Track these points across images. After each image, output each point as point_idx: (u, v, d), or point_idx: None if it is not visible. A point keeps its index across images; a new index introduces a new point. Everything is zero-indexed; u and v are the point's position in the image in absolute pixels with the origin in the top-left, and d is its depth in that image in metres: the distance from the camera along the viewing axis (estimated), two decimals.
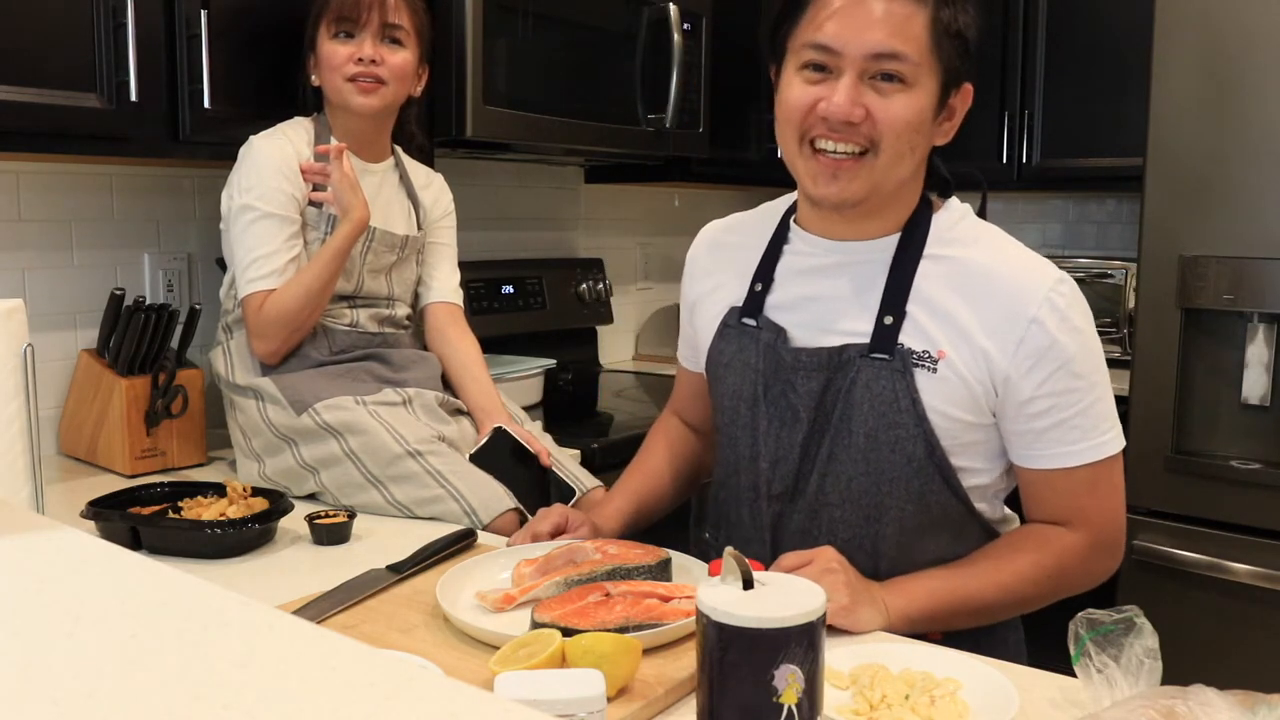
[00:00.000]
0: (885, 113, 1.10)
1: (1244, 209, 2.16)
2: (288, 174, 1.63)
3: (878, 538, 1.18)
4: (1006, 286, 1.13)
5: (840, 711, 0.93)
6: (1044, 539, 1.18)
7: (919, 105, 1.11)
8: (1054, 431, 1.14)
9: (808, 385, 1.18)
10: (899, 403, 1.13)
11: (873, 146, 1.12)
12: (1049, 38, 2.84)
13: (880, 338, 1.14)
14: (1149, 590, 2.28)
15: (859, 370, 1.15)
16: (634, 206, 3.08)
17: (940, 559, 1.19)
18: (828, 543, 1.16)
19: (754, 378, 1.22)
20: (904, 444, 1.14)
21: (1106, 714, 0.83)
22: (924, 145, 1.15)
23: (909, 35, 1.09)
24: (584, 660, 0.91)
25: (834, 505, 1.19)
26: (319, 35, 1.67)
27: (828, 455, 1.18)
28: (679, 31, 2.33)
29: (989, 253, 1.17)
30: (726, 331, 1.28)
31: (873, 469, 1.16)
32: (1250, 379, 2.21)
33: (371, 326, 1.74)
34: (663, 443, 1.49)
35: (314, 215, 1.67)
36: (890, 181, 1.14)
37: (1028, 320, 1.11)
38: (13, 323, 1.07)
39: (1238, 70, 2.15)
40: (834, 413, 1.17)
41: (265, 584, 1.26)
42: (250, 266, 1.61)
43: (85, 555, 0.72)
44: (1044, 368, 1.12)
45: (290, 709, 0.49)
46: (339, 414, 1.56)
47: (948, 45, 1.11)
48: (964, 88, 1.16)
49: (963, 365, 1.13)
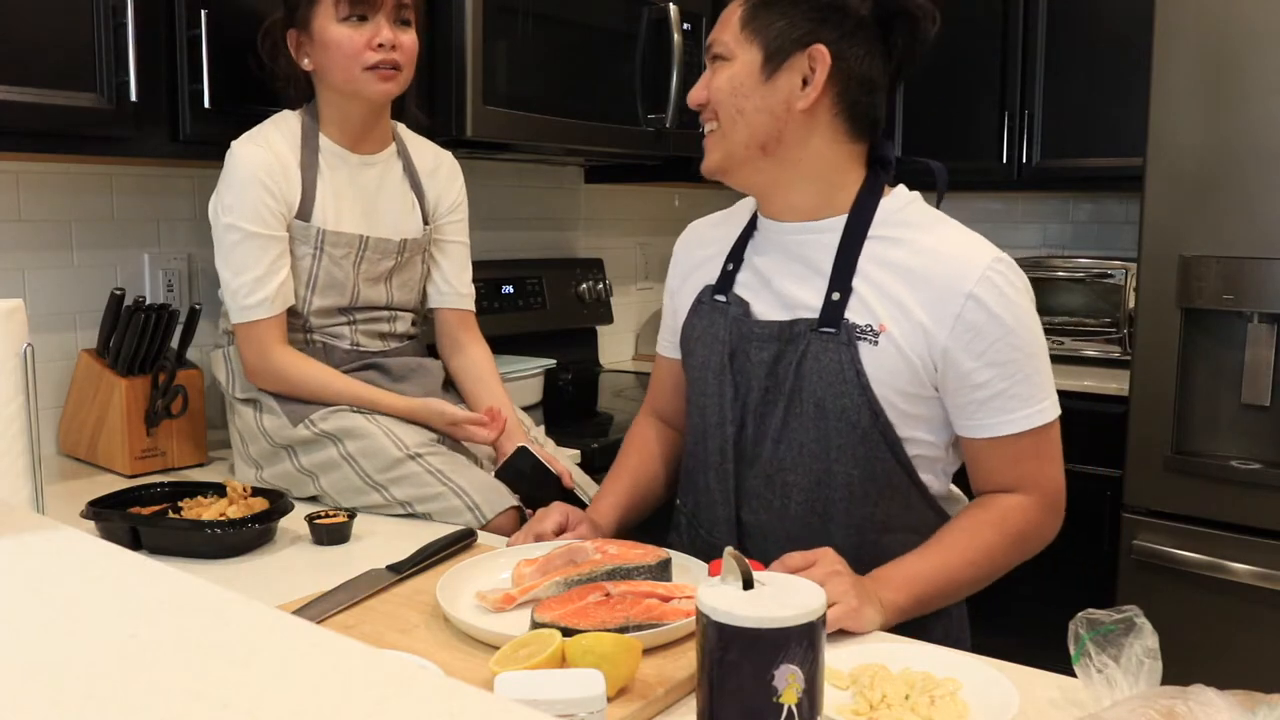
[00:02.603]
0: (712, 86, 1.26)
1: (1244, 209, 2.16)
2: (270, 186, 1.55)
3: (829, 501, 1.25)
4: (945, 265, 1.21)
5: (840, 711, 0.93)
6: (1001, 510, 1.24)
7: (732, 72, 1.24)
8: (995, 401, 1.21)
9: (760, 355, 1.27)
10: (844, 374, 1.21)
11: (718, 119, 1.26)
12: (1049, 38, 2.84)
13: (828, 312, 1.23)
14: (1149, 590, 2.29)
15: (809, 343, 1.24)
16: (634, 206, 3.08)
17: (888, 527, 1.26)
18: (782, 505, 1.26)
19: (720, 349, 1.31)
20: (849, 412, 1.22)
21: (1106, 714, 0.83)
22: (762, 106, 1.23)
23: (726, 24, 1.26)
24: (584, 660, 0.91)
25: (788, 470, 1.26)
26: (316, 18, 1.56)
27: (781, 423, 1.26)
28: (679, 31, 2.33)
29: (931, 235, 1.25)
30: (700, 308, 1.37)
31: (822, 436, 1.24)
32: (1250, 379, 2.21)
33: (373, 345, 1.69)
34: (640, 442, 1.52)
35: (300, 228, 1.59)
36: (738, 145, 1.26)
37: (964, 295, 1.19)
38: (13, 323, 1.07)
39: (1238, 70, 2.15)
40: (786, 382, 1.25)
41: (265, 584, 1.26)
42: (240, 291, 1.56)
43: (85, 555, 0.72)
44: (983, 340, 1.19)
45: (290, 709, 0.49)
46: (336, 421, 1.55)
47: (768, 16, 1.23)
48: (812, 49, 1.22)
49: (902, 339, 1.20)
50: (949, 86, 2.97)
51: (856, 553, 1.20)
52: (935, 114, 3.00)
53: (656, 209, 3.15)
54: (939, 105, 2.98)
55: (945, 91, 2.97)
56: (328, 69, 1.58)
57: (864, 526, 1.25)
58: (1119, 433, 2.36)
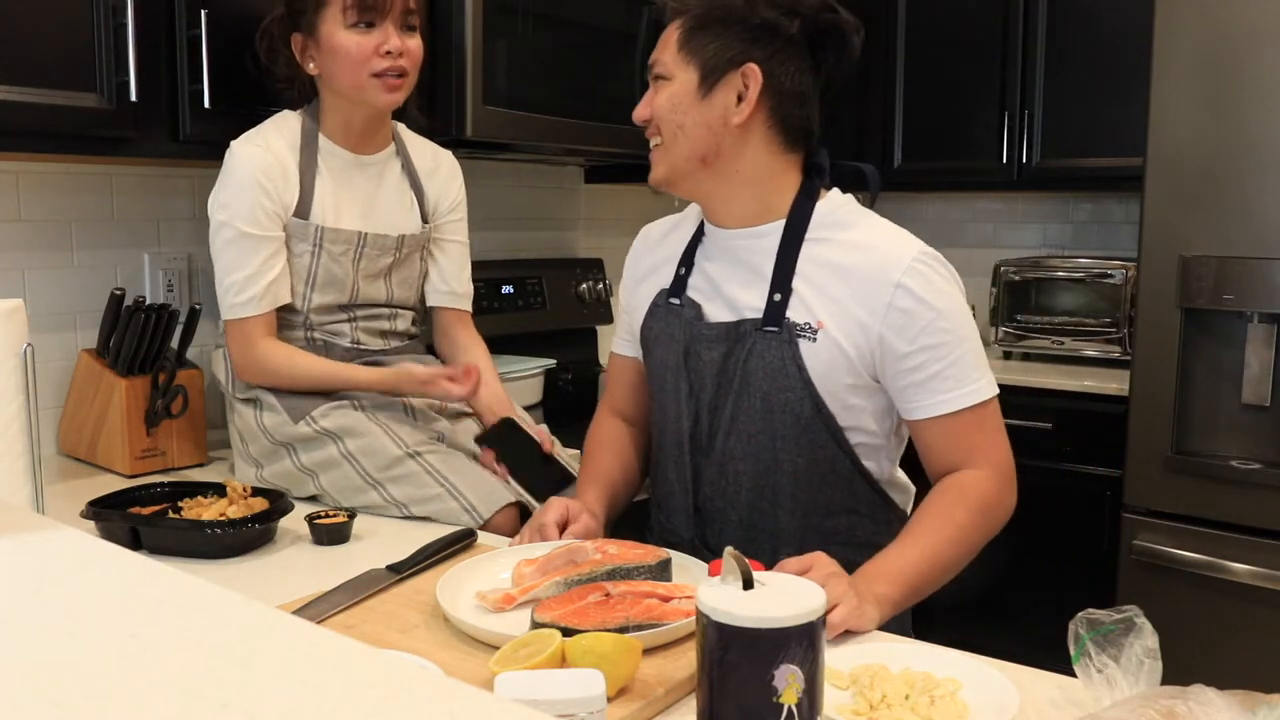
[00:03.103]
0: (653, 104, 1.35)
1: (1244, 209, 2.16)
2: (267, 187, 1.55)
3: (776, 488, 1.34)
4: (875, 258, 1.29)
5: (840, 711, 0.93)
6: (960, 487, 1.29)
7: (671, 91, 1.33)
8: (931, 383, 1.28)
9: (710, 354, 1.35)
10: (787, 369, 1.30)
11: (660, 134, 1.35)
12: (1049, 38, 2.84)
13: (770, 313, 1.31)
14: (1149, 590, 2.29)
15: (754, 342, 1.32)
16: (634, 206, 3.08)
17: (831, 510, 1.35)
18: (734, 492, 1.35)
19: (677, 349, 1.39)
20: (793, 405, 1.30)
21: (1106, 714, 0.83)
22: (702, 122, 1.31)
23: (665, 45, 1.34)
24: (584, 660, 0.91)
25: (738, 459, 1.35)
26: (323, 23, 1.55)
27: (731, 416, 1.34)
28: None
29: (862, 233, 1.33)
30: (656, 310, 1.44)
31: (768, 427, 1.32)
32: (1250, 379, 2.21)
33: (374, 344, 1.69)
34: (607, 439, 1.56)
35: (299, 226, 1.59)
36: (681, 158, 1.34)
37: (893, 285, 1.26)
38: (13, 323, 1.07)
39: (1238, 70, 2.15)
40: (735, 379, 1.33)
41: (265, 584, 1.26)
42: (229, 290, 1.57)
43: (85, 555, 0.72)
44: (914, 326, 1.26)
45: (290, 709, 0.49)
46: (336, 418, 1.55)
47: (702, 38, 1.30)
48: (745, 68, 1.29)
49: (839, 333, 1.28)
50: (949, 86, 2.97)
51: (802, 535, 1.32)
52: (935, 114, 3.00)
53: (656, 209, 3.14)
54: (939, 105, 2.98)
55: (945, 91, 2.97)
56: (334, 75, 1.57)
57: (809, 510, 1.34)
58: (1119, 433, 2.36)
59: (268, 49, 1.65)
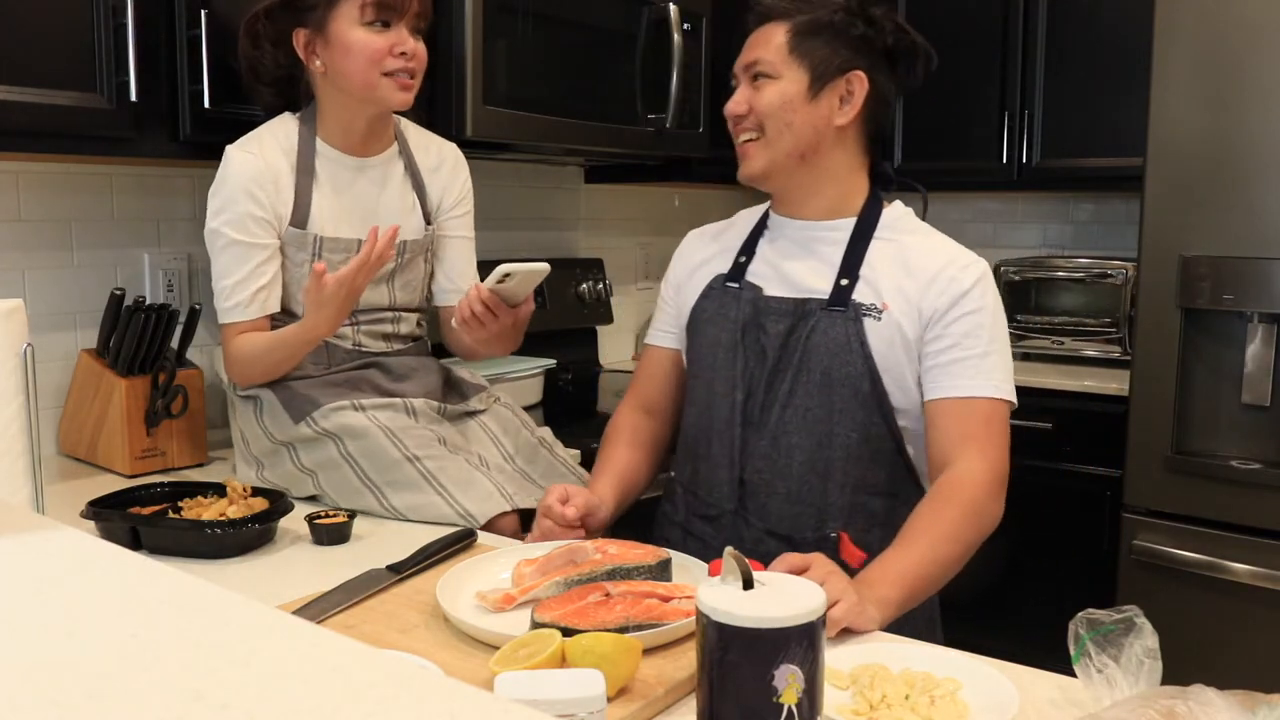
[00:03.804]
0: (758, 101, 1.41)
1: (1244, 209, 2.16)
2: (257, 196, 1.54)
3: (829, 461, 1.39)
4: (937, 259, 1.41)
5: (840, 711, 0.93)
6: (950, 487, 1.32)
7: (781, 89, 1.40)
8: (954, 366, 1.37)
9: (776, 328, 1.42)
10: (850, 345, 1.38)
11: (761, 129, 1.42)
12: (1049, 38, 2.84)
13: (837, 294, 1.41)
14: (1149, 590, 2.29)
15: (818, 320, 1.40)
16: (634, 206, 3.08)
17: (877, 490, 1.41)
18: (785, 465, 1.40)
19: (732, 327, 1.46)
20: (853, 380, 1.38)
21: (1106, 714, 0.83)
22: (808, 122, 1.41)
23: (770, 45, 1.41)
24: (584, 660, 0.91)
25: (792, 432, 1.40)
26: (335, 20, 1.53)
27: (789, 390, 1.40)
28: (679, 31, 2.32)
29: (927, 239, 1.45)
30: (710, 293, 1.51)
31: (826, 401, 1.39)
32: (1250, 379, 2.21)
33: (376, 346, 1.68)
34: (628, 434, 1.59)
35: (297, 236, 1.58)
36: (782, 154, 1.42)
37: (948, 279, 1.39)
38: (13, 323, 1.07)
39: (1238, 70, 2.15)
40: (796, 354, 1.40)
41: (265, 584, 1.26)
42: (220, 295, 1.57)
43: (85, 555, 0.72)
44: (954, 312, 1.37)
45: (290, 709, 0.49)
46: (337, 419, 1.55)
47: (812, 43, 1.40)
48: (853, 73, 1.41)
49: (900, 315, 1.38)
50: (949, 86, 2.97)
51: (849, 511, 1.39)
52: (935, 114, 3.00)
53: (656, 209, 3.15)
54: (939, 105, 2.98)
55: (945, 91, 2.97)
56: (344, 72, 1.55)
57: (857, 486, 1.40)
58: (1119, 433, 2.36)
59: (252, 41, 1.61)
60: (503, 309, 1.52)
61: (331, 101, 1.61)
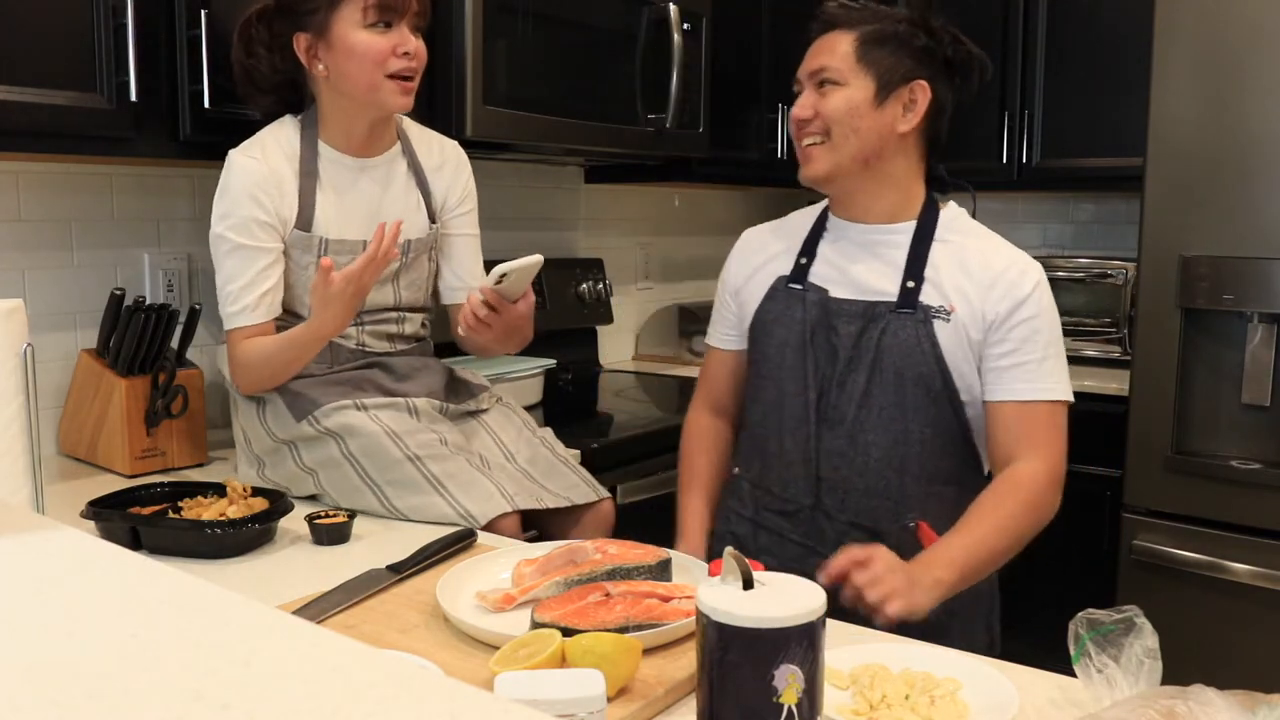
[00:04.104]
0: (825, 106, 1.46)
1: (1244, 209, 2.16)
2: (260, 200, 1.54)
3: (905, 456, 1.45)
4: (997, 263, 1.47)
5: (840, 711, 0.93)
6: (1014, 481, 1.42)
7: (849, 95, 1.46)
8: (1015, 370, 1.44)
9: (848, 329, 1.48)
10: (921, 345, 1.44)
11: (826, 134, 1.47)
12: (1049, 38, 2.84)
13: (905, 297, 1.46)
14: (1149, 590, 2.29)
15: (889, 321, 1.46)
16: (634, 206, 3.08)
17: (949, 481, 1.48)
18: (863, 461, 1.45)
19: (800, 328, 1.51)
20: (925, 378, 1.44)
21: (1106, 714, 0.83)
22: (873, 128, 1.46)
23: (836, 53, 1.47)
24: (584, 660, 0.91)
25: (868, 430, 1.46)
26: (337, 23, 1.52)
27: (864, 389, 1.46)
28: (679, 31, 2.32)
29: (983, 241, 1.51)
30: (775, 294, 1.56)
31: (900, 399, 1.45)
32: (1250, 379, 2.21)
33: (379, 346, 1.68)
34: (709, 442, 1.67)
35: (302, 239, 1.58)
36: (847, 159, 1.47)
37: (1008, 284, 1.45)
38: (13, 323, 1.07)
39: (1238, 70, 2.15)
40: (868, 354, 1.46)
41: (265, 584, 1.26)
42: (226, 300, 1.57)
43: (85, 555, 0.72)
44: (1015, 318, 1.44)
45: (290, 709, 0.49)
46: (339, 418, 1.55)
47: (878, 53, 1.46)
48: (916, 83, 1.47)
49: (965, 318, 1.44)
50: None
51: (924, 500, 1.45)
52: None
53: (656, 209, 3.15)
54: None
55: None
56: (347, 75, 1.55)
57: (932, 477, 1.47)
58: (1119, 433, 2.36)
59: (246, 44, 1.61)
60: (505, 306, 1.54)
61: (332, 104, 1.60)
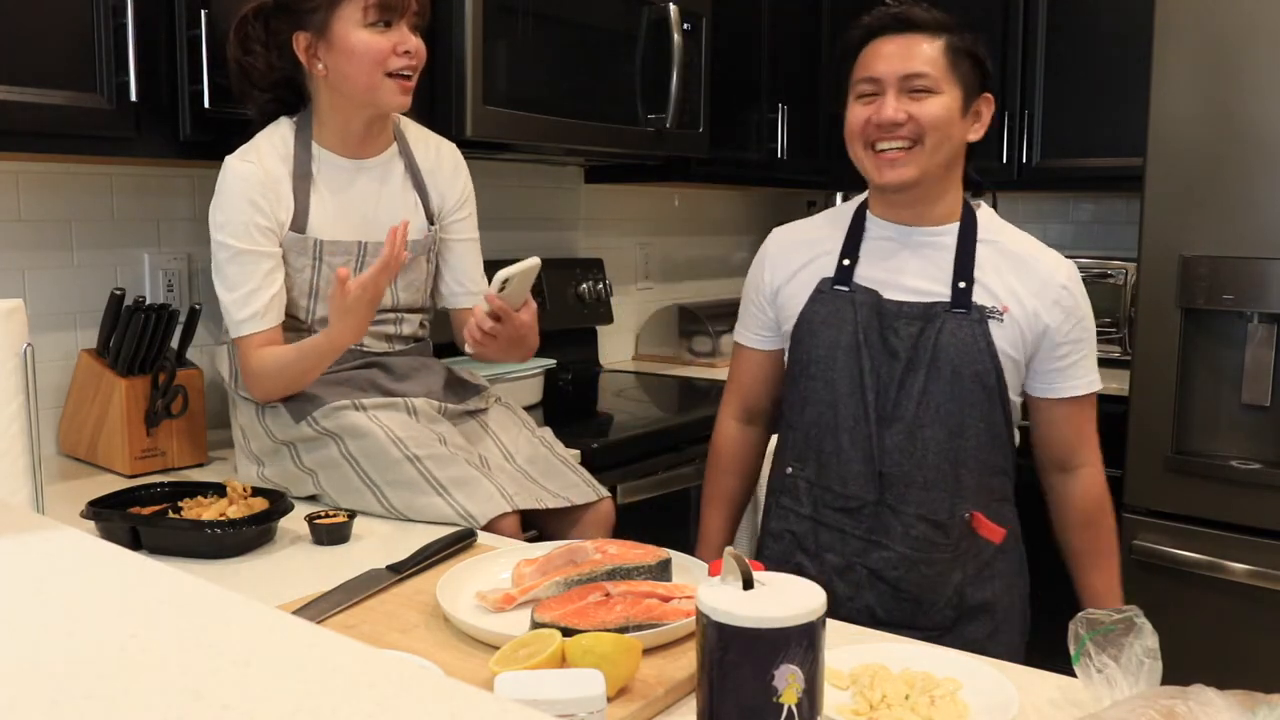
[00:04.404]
0: (922, 112, 1.49)
1: (1244, 209, 2.16)
2: (260, 204, 1.54)
3: (961, 450, 1.51)
4: (1040, 264, 1.55)
5: (840, 711, 0.93)
6: (1102, 496, 1.61)
7: (946, 104, 1.50)
8: (1070, 369, 1.55)
9: (908, 330, 1.52)
10: (977, 344, 1.50)
11: (918, 139, 1.50)
12: (1049, 38, 2.84)
13: (958, 297, 1.52)
14: (1149, 590, 2.28)
15: (944, 321, 1.50)
16: (634, 206, 3.08)
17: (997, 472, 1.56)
18: (921, 456, 1.50)
19: (852, 329, 1.54)
20: (981, 376, 1.50)
21: (1106, 714, 0.83)
22: (958, 137, 1.53)
23: (928, 59, 1.50)
24: (584, 660, 0.91)
25: (927, 426, 1.50)
26: (337, 22, 1.52)
27: (922, 387, 1.50)
28: (679, 31, 2.32)
29: (1019, 239, 1.59)
30: (820, 297, 1.58)
31: (957, 396, 1.50)
32: (1250, 379, 2.21)
33: (378, 346, 1.68)
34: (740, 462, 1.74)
35: (296, 241, 1.58)
36: (935, 165, 1.51)
37: (1059, 287, 1.53)
38: (13, 323, 1.07)
39: (1238, 70, 2.15)
40: (926, 353, 1.50)
41: (265, 584, 1.26)
42: (233, 307, 1.56)
43: (85, 555, 0.72)
44: (1069, 321, 1.53)
45: (290, 709, 0.49)
46: (338, 419, 1.55)
47: (963, 64, 1.51)
48: (985, 96, 1.55)
49: (1019, 318, 1.52)
50: None
51: (977, 491, 1.52)
52: None
53: (656, 209, 3.15)
54: None
55: None
56: (347, 75, 1.55)
57: (984, 469, 1.54)
58: (1119, 433, 2.36)
59: (243, 48, 1.60)
60: (510, 315, 1.55)
61: (329, 104, 1.60)
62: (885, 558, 1.50)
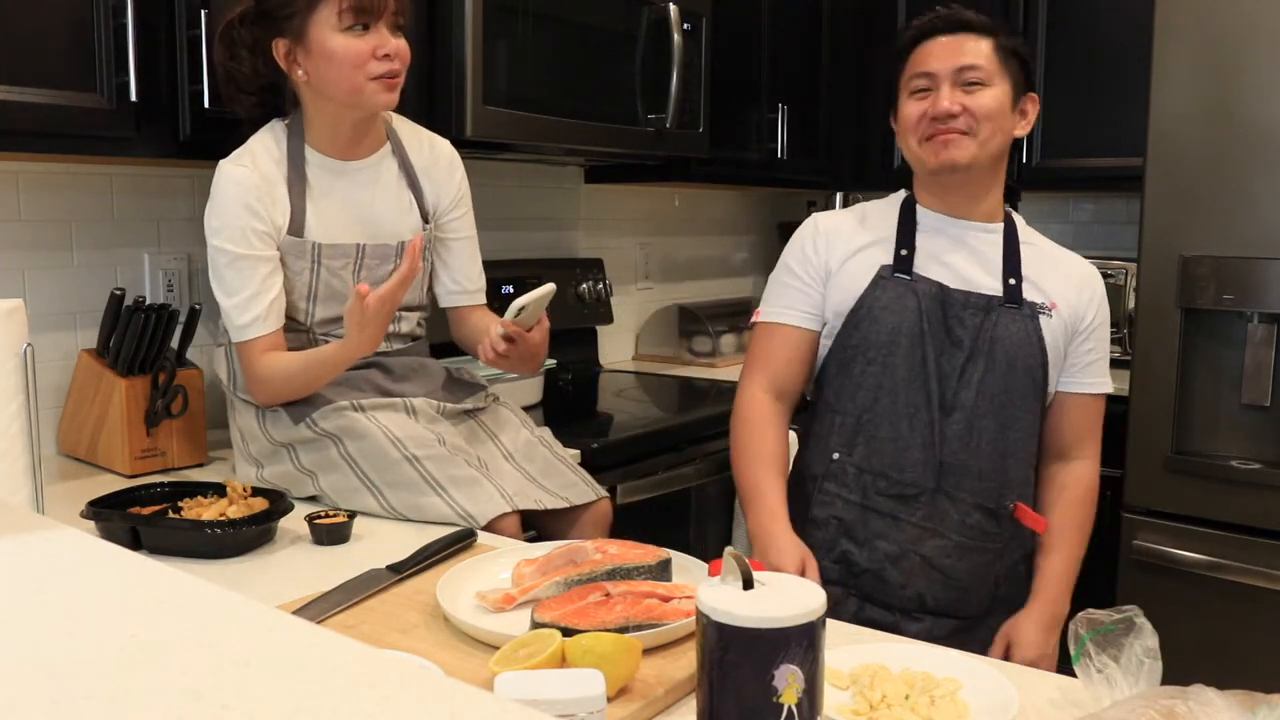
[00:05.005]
0: (976, 102, 1.55)
1: (1244, 209, 2.16)
2: (255, 209, 1.53)
3: (1009, 440, 1.58)
4: (1074, 268, 1.66)
5: (840, 711, 0.93)
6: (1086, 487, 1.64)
7: (998, 96, 1.57)
8: (1092, 366, 1.64)
9: (973, 320, 1.58)
10: (1030, 338, 1.57)
11: (971, 130, 1.55)
12: (1049, 38, 2.84)
13: (1010, 293, 1.59)
14: (1149, 590, 2.28)
15: (999, 315, 1.58)
16: (634, 206, 3.08)
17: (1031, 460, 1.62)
18: (977, 445, 1.55)
19: (915, 317, 1.58)
20: (1032, 369, 1.57)
21: (1106, 714, 0.83)
22: (1008, 131, 1.59)
23: (980, 54, 1.57)
24: (584, 660, 0.91)
25: (983, 416, 1.56)
26: (313, 28, 1.50)
27: (980, 377, 1.57)
28: (679, 31, 2.32)
29: (1050, 245, 1.69)
30: (882, 283, 1.61)
31: (1010, 388, 1.57)
32: (1250, 379, 2.21)
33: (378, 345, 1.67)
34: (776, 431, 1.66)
35: (294, 244, 1.57)
36: (986, 155, 1.57)
37: (1093, 289, 1.64)
38: (13, 323, 1.07)
39: (1238, 70, 2.15)
40: (985, 345, 1.57)
41: (265, 584, 1.26)
42: (234, 312, 1.56)
43: (85, 555, 0.72)
44: (1096, 321, 1.64)
45: (290, 709, 0.49)
46: (336, 420, 1.54)
47: (1011, 62, 1.58)
48: (1030, 95, 1.62)
49: (1066, 316, 1.61)
50: None
51: (1022, 481, 1.59)
52: None
53: (656, 209, 3.15)
54: None
55: None
56: (328, 80, 1.53)
57: (1027, 460, 1.61)
58: (1119, 433, 2.36)
59: (229, 53, 1.59)
60: (522, 336, 1.58)
61: (317, 108, 1.59)
62: (940, 546, 1.54)
